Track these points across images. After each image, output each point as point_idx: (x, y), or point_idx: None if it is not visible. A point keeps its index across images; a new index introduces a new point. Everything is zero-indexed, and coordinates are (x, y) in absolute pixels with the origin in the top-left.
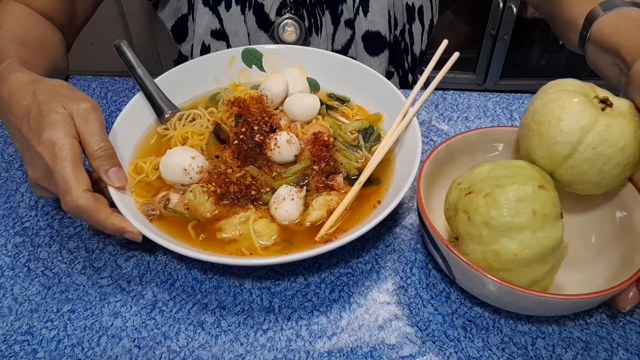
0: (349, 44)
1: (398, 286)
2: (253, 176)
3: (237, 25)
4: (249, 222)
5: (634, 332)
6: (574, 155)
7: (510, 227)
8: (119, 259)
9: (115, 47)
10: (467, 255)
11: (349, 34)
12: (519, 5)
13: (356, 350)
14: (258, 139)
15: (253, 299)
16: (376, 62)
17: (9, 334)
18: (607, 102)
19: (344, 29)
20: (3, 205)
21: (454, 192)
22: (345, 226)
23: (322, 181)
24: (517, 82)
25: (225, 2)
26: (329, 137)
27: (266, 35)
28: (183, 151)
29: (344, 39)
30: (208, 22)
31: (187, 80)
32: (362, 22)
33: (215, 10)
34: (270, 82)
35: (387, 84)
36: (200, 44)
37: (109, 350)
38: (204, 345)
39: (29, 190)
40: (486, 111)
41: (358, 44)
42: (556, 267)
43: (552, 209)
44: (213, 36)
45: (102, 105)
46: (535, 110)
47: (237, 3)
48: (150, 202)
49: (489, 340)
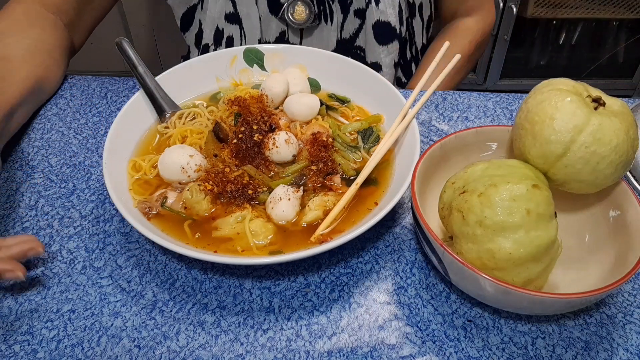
0: (357, 33)
1: (398, 286)
2: (250, 175)
3: (249, 8)
4: (245, 221)
5: (634, 332)
6: (568, 155)
7: (504, 226)
8: (119, 259)
9: (116, 45)
10: (462, 254)
11: (358, 23)
12: (519, 5)
13: (356, 350)
14: (257, 139)
15: (253, 299)
16: (384, 51)
17: (9, 334)
18: (600, 101)
19: (353, 19)
20: (3, 205)
21: (448, 192)
22: (342, 227)
23: (319, 181)
24: (517, 82)
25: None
26: (327, 137)
27: (276, 20)
28: (181, 149)
29: (352, 28)
30: (222, 6)
31: (188, 79)
32: (374, 11)
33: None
34: (271, 82)
35: (388, 86)
36: (214, 29)
37: (109, 350)
38: (204, 345)
39: (29, 190)
40: (486, 111)
41: (368, 33)
42: (550, 266)
43: (546, 208)
44: (227, 20)
45: (102, 105)
46: (529, 110)
47: None
48: (148, 200)
49: (489, 340)
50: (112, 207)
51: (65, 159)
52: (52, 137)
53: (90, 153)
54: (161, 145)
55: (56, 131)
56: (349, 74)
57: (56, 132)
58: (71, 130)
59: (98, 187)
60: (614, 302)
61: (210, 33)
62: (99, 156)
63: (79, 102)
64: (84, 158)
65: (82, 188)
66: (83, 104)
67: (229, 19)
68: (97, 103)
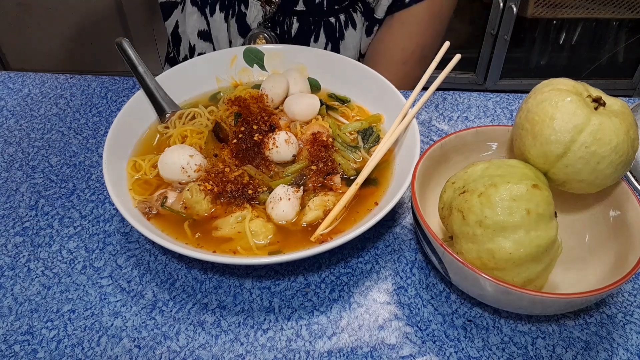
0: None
1: (398, 286)
2: (250, 175)
3: (219, 32)
4: (245, 221)
5: (634, 332)
6: (568, 155)
7: (504, 226)
8: (119, 259)
9: (116, 45)
10: (462, 254)
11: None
12: (519, 5)
13: (356, 350)
14: (257, 139)
15: (253, 298)
16: None
17: (9, 334)
18: (600, 101)
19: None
20: (3, 205)
21: (448, 191)
22: (342, 227)
23: (319, 181)
24: (517, 82)
25: (210, 7)
26: (327, 137)
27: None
28: (181, 149)
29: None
30: (196, 22)
31: (188, 79)
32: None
33: (203, 12)
34: (271, 82)
35: (388, 85)
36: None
37: (109, 350)
38: (204, 345)
39: (29, 190)
40: (486, 111)
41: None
42: (550, 266)
43: (546, 208)
44: (200, 37)
45: (102, 105)
46: (529, 110)
47: (221, 10)
48: (148, 200)
49: (489, 340)
50: (112, 207)
51: (66, 159)
52: (52, 137)
53: (90, 153)
54: (161, 145)
55: (56, 131)
56: (349, 74)
57: (56, 132)
58: (71, 130)
59: (98, 187)
60: (614, 302)
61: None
62: (99, 156)
63: (79, 102)
64: (84, 158)
65: (82, 188)
66: (83, 104)
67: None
68: (97, 103)
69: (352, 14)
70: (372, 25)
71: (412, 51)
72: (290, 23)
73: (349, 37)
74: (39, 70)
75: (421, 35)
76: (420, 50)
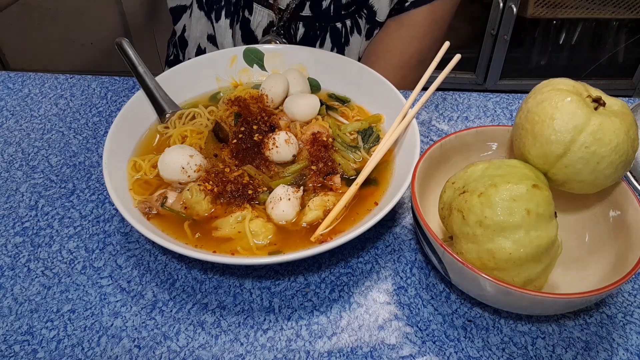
0: None
1: (398, 286)
2: (250, 175)
3: (224, 38)
4: (245, 221)
5: (634, 332)
6: (568, 155)
7: (504, 226)
8: (119, 259)
9: (116, 45)
10: (462, 254)
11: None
12: (519, 5)
13: (356, 350)
14: (257, 139)
15: (253, 299)
16: None
17: (9, 334)
18: (600, 101)
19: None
20: (3, 205)
21: (448, 192)
22: (342, 227)
23: (319, 181)
24: (517, 82)
25: (215, 13)
26: (327, 137)
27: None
28: (181, 149)
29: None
30: (204, 27)
31: (188, 79)
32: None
33: (209, 17)
34: (271, 82)
35: (388, 85)
36: (196, 47)
37: (109, 350)
38: (204, 345)
39: (29, 190)
40: (486, 111)
41: None
42: (550, 266)
43: (546, 208)
44: (209, 40)
45: (102, 105)
46: (529, 110)
47: (226, 17)
48: (148, 200)
49: (489, 340)
50: (112, 207)
51: (65, 159)
52: (52, 137)
53: (90, 153)
54: (161, 145)
55: (56, 131)
56: (349, 74)
57: (56, 132)
58: (71, 130)
59: (98, 187)
60: (614, 302)
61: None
62: (99, 156)
63: (79, 102)
64: (84, 158)
65: (82, 188)
66: (83, 104)
67: (211, 40)
68: (97, 103)
69: (357, 19)
70: (373, 29)
71: (411, 55)
72: (296, 28)
73: (354, 42)
74: (39, 70)
75: (420, 40)
76: (419, 55)
